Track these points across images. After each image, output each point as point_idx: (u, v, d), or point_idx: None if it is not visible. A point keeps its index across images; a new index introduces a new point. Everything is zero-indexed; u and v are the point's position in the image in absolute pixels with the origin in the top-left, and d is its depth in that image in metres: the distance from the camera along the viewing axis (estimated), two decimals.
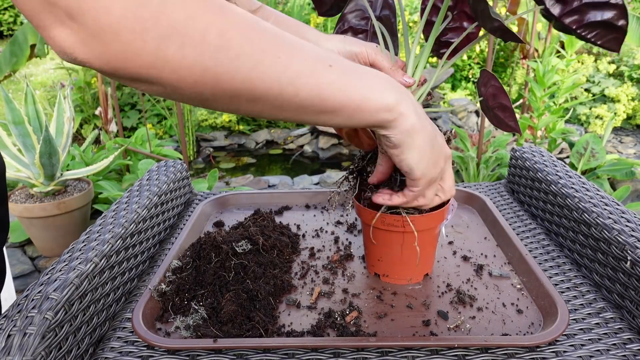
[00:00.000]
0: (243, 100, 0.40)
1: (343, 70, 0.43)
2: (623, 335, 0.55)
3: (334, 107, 0.43)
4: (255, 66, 0.38)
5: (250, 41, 0.38)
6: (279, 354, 0.54)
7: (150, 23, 0.34)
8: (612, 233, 0.61)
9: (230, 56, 0.37)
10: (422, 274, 0.66)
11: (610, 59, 3.89)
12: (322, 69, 0.42)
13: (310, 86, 0.41)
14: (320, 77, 0.41)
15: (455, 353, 0.53)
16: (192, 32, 0.35)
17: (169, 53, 0.35)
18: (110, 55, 0.34)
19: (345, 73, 0.43)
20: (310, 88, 0.41)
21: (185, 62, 0.36)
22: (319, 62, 0.42)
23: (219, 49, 0.36)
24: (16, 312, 0.49)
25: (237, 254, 0.67)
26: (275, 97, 0.40)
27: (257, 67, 0.38)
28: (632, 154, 3.15)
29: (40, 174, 1.90)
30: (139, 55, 0.35)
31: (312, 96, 0.41)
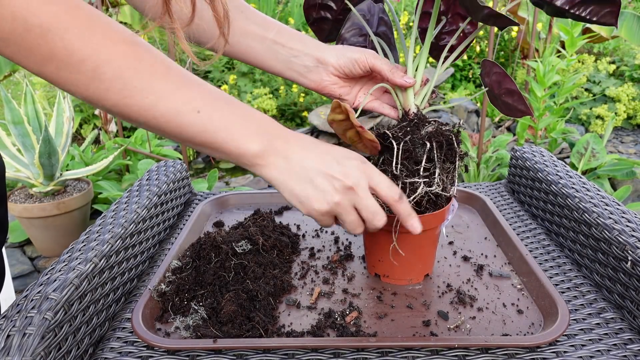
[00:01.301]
0: (115, 116, 0.46)
1: (210, 117, 0.47)
2: (624, 335, 0.55)
3: (195, 144, 0.48)
4: (122, 100, 0.43)
5: (122, 80, 0.43)
6: (279, 354, 0.53)
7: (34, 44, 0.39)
8: (613, 233, 0.61)
9: (101, 87, 0.42)
10: (422, 275, 0.66)
11: (611, 59, 3.89)
12: (187, 113, 0.46)
13: (173, 126, 0.46)
14: (182, 120, 0.46)
15: (456, 353, 0.53)
16: (68, 61, 0.40)
17: (47, 71, 0.41)
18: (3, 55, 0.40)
19: (212, 119, 0.47)
20: (173, 127, 0.46)
21: (61, 80, 0.42)
22: (187, 106, 0.46)
23: (91, 80, 0.42)
24: (15, 313, 0.49)
25: (237, 254, 0.67)
26: (142, 124, 0.46)
27: (123, 100, 0.43)
28: (633, 154, 3.14)
29: (40, 174, 1.90)
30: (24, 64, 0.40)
31: (174, 132, 0.46)
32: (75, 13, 0.41)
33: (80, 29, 0.41)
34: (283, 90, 3.64)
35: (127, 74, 0.43)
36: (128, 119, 0.45)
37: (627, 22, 2.63)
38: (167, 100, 0.45)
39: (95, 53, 0.41)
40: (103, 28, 0.42)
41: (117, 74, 0.42)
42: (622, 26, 2.64)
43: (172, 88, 0.45)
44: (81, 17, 0.41)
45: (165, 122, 0.46)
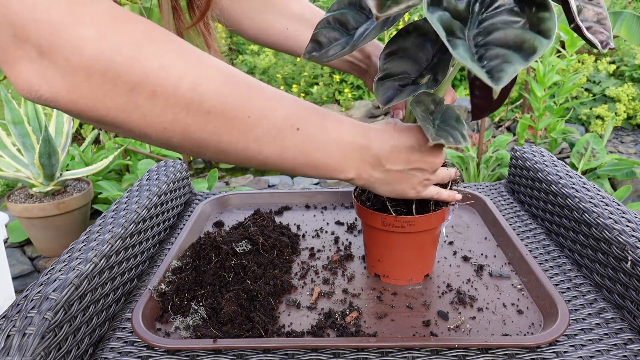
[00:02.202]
0: (210, 150, 0.41)
1: (309, 134, 0.44)
2: (624, 335, 0.55)
3: (293, 166, 0.45)
4: (224, 122, 0.39)
5: (222, 97, 0.38)
6: (279, 354, 0.53)
7: (123, 68, 0.34)
8: (613, 233, 0.61)
9: (201, 110, 0.38)
10: (422, 275, 0.66)
11: (611, 59, 3.89)
12: (288, 130, 0.43)
13: (274, 147, 0.43)
14: (285, 139, 0.43)
15: (456, 353, 0.53)
16: (164, 82, 0.35)
17: (139, 99, 0.35)
18: (79, 96, 0.34)
19: (310, 137, 0.45)
20: (274, 148, 0.43)
21: (155, 109, 0.36)
22: (287, 123, 0.43)
23: (190, 102, 0.37)
24: (15, 313, 0.49)
25: (237, 254, 0.67)
26: (240, 152, 0.42)
27: (227, 123, 0.39)
28: (633, 154, 3.14)
29: (40, 174, 1.90)
30: (110, 98, 0.34)
31: (274, 155, 0.43)
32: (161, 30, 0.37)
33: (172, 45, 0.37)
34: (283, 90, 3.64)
35: (227, 91, 0.39)
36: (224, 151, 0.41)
37: (627, 22, 2.63)
38: (269, 117, 0.41)
39: (192, 68, 0.37)
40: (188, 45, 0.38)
41: (217, 91, 0.38)
42: (622, 26, 2.64)
43: (272, 104, 0.42)
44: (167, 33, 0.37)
45: (267, 144, 0.42)
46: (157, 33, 0.36)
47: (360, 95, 3.76)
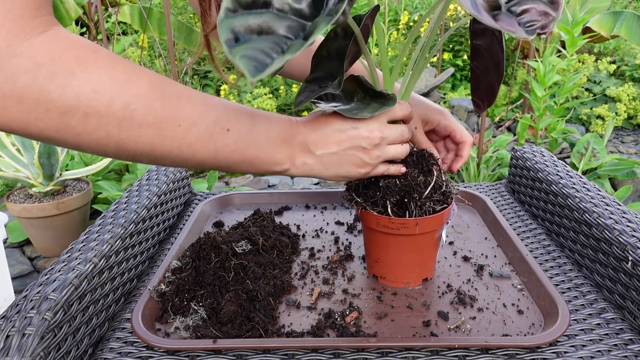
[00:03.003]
0: (145, 158, 0.44)
1: (239, 133, 0.47)
2: (624, 335, 0.55)
3: (229, 164, 0.48)
4: (156, 133, 0.42)
5: (153, 112, 0.41)
6: (279, 354, 0.53)
7: (56, 94, 0.37)
8: (614, 233, 0.61)
9: (133, 126, 0.41)
10: (420, 278, 0.65)
11: (611, 59, 3.89)
12: (219, 133, 0.46)
13: (207, 149, 0.46)
14: (217, 141, 0.46)
15: (456, 354, 0.53)
16: (96, 104, 0.39)
17: (72, 121, 0.38)
18: (10, 119, 0.37)
19: (241, 136, 0.47)
20: (207, 151, 0.46)
21: (88, 128, 0.39)
22: (217, 126, 0.46)
23: (122, 119, 0.40)
24: (15, 313, 0.49)
25: (237, 254, 0.67)
26: (175, 157, 0.45)
27: (158, 134, 0.42)
28: (633, 154, 3.14)
29: (39, 174, 1.90)
30: (42, 120, 0.37)
31: (209, 156, 0.46)
32: (96, 54, 0.39)
33: (105, 69, 0.39)
34: (283, 90, 3.64)
35: (157, 105, 0.42)
36: (160, 157, 0.44)
37: (627, 21, 2.63)
38: (198, 124, 0.44)
39: (123, 89, 0.40)
40: (123, 65, 0.41)
41: (148, 107, 0.41)
42: (622, 26, 2.64)
43: (200, 111, 0.45)
44: (102, 57, 0.40)
45: (201, 147, 0.45)
46: (92, 59, 0.39)
47: None
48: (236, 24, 0.39)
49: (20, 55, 0.35)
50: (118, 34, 3.99)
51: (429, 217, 0.59)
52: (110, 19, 4.14)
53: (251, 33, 0.39)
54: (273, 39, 0.39)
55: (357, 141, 0.52)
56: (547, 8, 0.39)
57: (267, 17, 0.40)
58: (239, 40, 0.38)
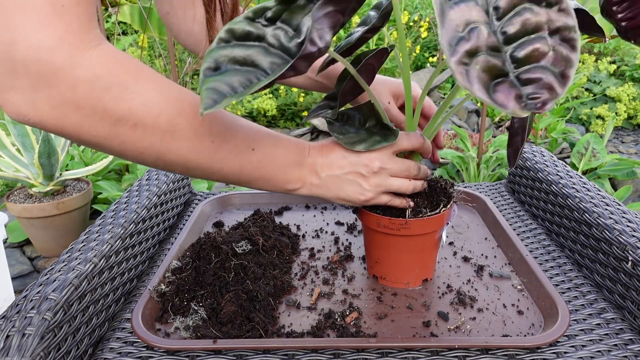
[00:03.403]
0: (178, 168, 0.48)
1: (262, 153, 0.52)
2: (624, 335, 0.55)
3: (249, 179, 0.53)
4: (192, 147, 0.46)
5: (193, 128, 0.46)
6: (279, 354, 0.53)
7: (110, 105, 0.40)
8: (613, 233, 0.61)
9: (174, 138, 0.45)
10: (420, 279, 0.65)
11: (611, 59, 3.89)
12: (245, 151, 0.51)
13: (234, 165, 0.50)
14: (243, 158, 0.51)
15: (456, 354, 0.53)
16: (145, 117, 0.42)
17: (121, 130, 0.42)
18: (67, 124, 0.40)
19: (264, 155, 0.52)
20: (234, 166, 0.50)
21: (134, 138, 0.43)
22: (244, 144, 0.51)
23: (166, 133, 0.44)
24: (15, 313, 0.49)
25: (237, 254, 0.67)
26: (205, 170, 0.49)
27: (194, 148, 0.47)
28: (633, 154, 3.14)
29: (39, 174, 1.90)
30: (94, 127, 0.41)
31: (234, 171, 0.51)
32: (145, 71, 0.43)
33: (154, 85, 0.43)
34: (283, 90, 3.64)
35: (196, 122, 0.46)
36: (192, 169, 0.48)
37: None
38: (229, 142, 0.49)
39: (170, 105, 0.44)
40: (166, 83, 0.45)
41: (189, 123, 0.45)
42: None
43: (231, 130, 0.49)
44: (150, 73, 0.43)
45: (227, 163, 0.50)
46: (142, 74, 0.43)
47: None
48: (221, 54, 0.42)
49: (80, 67, 0.38)
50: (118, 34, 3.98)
51: (429, 217, 0.59)
52: (110, 19, 4.14)
53: (234, 64, 0.41)
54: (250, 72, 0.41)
55: (356, 167, 0.56)
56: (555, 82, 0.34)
57: (254, 51, 0.42)
58: (219, 69, 0.41)
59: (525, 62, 0.35)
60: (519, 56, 0.35)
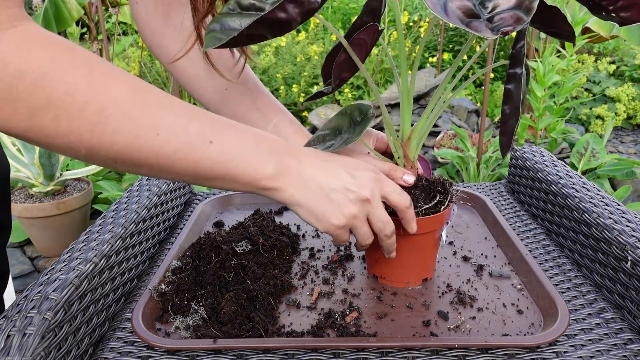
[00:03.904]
0: (120, 165, 0.42)
1: (222, 146, 0.45)
2: (624, 335, 0.55)
3: (209, 177, 0.45)
4: (132, 142, 0.40)
5: (129, 118, 0.39)
6: (279, 354, 0.53)
7: (24, 94, 0.35)
8: (613, 233, 0.61)
9: (106, 131, 0.39)
10: (420, 278, 0.65)
11: (611, 59, 3.89)
12: (201, 145, 0.43)
13: (187, 161, 0.43)
14: (197, 153, 0.43)
15: (456, 353, 0.53)
16: (68, 107, 0.37)
17: (42, 123, 0.36)
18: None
19: (225, 148, 0.45)
20: (187, 163, 0.43)
21: (59, 131, 0.37)
22: (199, 138, 0.43)
23: (96, 124, 0.38)
24: (15, 313, 0.49)
25: (237, 254, 0.67)
26: (152, 167, 0.42)
27: (134, 143, 0.40)
28: (633, 154, 3.14)
29: (40, 174, 1.90)
30: (11, 120, 0.36)
31: (189, 169, 0.44)
32: (72, 54, 0.37)
33: (81, 70, 0.37)
34: (283, 90, 3.64)
35: (135, 112, 0.40)
36: (137, 166, 0.42)
37: None
38: (179, 134, 0.42)
39: (99, 94, 0.38)
40: (101, 67, 0.39)
41: (125, 113, 0.39)
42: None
43: (182, 121, 0.43)
44: (78, 57, 0.38)
45: (180, 159, 0.43)
46: (67, 58, 0.37)
47: (360, 95, 3.77)
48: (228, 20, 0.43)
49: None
50: (118, 34, 3.99)
51: (429, 217, 0.59)
52: (111, 19, 4.15)
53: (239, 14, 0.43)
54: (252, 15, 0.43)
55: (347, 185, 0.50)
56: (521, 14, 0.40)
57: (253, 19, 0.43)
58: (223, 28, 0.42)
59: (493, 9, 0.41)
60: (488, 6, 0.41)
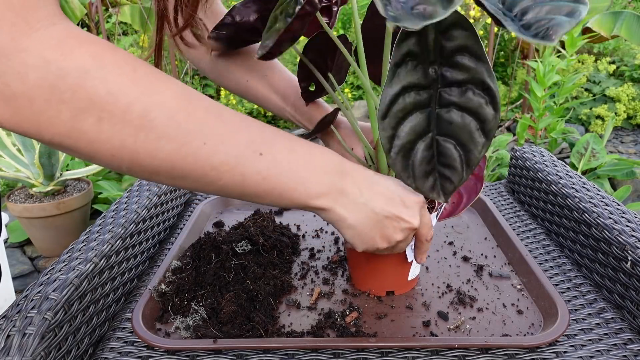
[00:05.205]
0: (162, 176, 0.39)
1: (273, 159, 0.42)
2: (624, 335, 0.55)
3: (256, 193, 0.42)
4: (177, 150, 0.37)
5: (175, 124, 0.37)
6: (279, 354, 0.53)
7: (67, 95, 0.33)
8: (613, 233, 0.61)
9: (150, 137, 0.36)
10: (383, 290, 0.63)
11: (611, 59, 3.89)
12: (250, 157, 0.41)
13: (234, 173, 0.40)
14: (246, 166, 0.41)
15: (456, 354, 0.53)
16: (111, 108, 0.34)
17: (84, 125, 0.34)
18: (22, 120, 0.33)
19: (276, 162, 0.42)
20: (234, 175, 0.40)
21: (102, 136, 0.35)
22: (249, 149, 0.41)
23: (139, 129, 0.36)
24: (15, 313, 0.49)
25: (237, 254, 0.67)
26: (197, 179, 0.40)
27: (180, 151, 0.37)
28: (633, 154, 3.14)
29: (40, 174, 1.90)
30: (53, 124, 0.34)
31: (235, 182, 0.41)
32: (115, 53, 0.36)
33: (124, 69, 0.35)
34: None
35: (181, 117, 0.37)
36: (180, 177, 0.39)
37: (627, 22, 2.63)
38: (227, 144, 0.39)
39: (144, 95, 0.36)
40: (145, 68, 0.37)
41: (170, 117, 0.37)
42: (622, 26, 2.64)
43: (230, 130, 0.40)
44: (122, 56, 0.36)
45: (226, 171, 0.40)
46: (109, 56, 0.35)
47: (360, 96, 3.77)
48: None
49: (26, 50, 0.32)
50: (119, 34, 3.99)
51: None
52: (111, 19, 4.15)
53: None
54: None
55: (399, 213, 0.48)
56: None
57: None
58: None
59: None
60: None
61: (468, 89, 0.43)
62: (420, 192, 0.48)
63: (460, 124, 0.44)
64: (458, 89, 0.44)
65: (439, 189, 0.48)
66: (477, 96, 0.43)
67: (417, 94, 0.44)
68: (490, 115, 0.43)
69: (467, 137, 0.45)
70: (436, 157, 0.47)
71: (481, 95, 0.43)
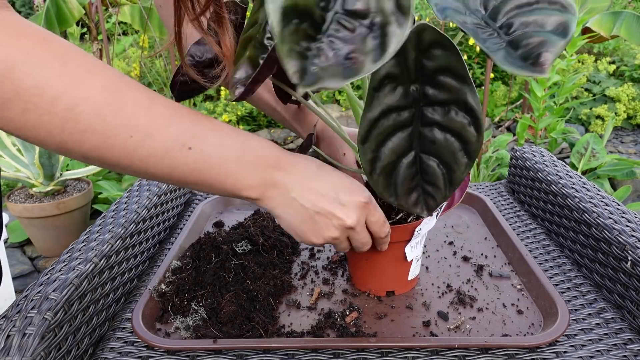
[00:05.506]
0: (93, 162, 0.40)
1: (202, 152, 0.43)
2: (624, 335, 0.55)
3: (186, 183, 0.44)
4: (103, 141, 0.38)
5: (101, 117, 0.38)
6: (279, 354, 0.53)
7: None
8: (613, 233, 0.61)
9: (78, 129, 0.37)
10: (383, 290, 0.63)
11: (611, 59, 3.89)
12: (178, 150, 0.41)
13: (162, 165, 0.41)
14: (173, 159, 0.41)
15: (456, 354, 0.53)
16: (37, 100, 0.35)
17: (10, 114, 0.35)
18: None
19: (204, 155, 0.43)
20: (162, 167, 0.41)
21: (28, 124, 0.36)
22: (177, 142, 0.41)
23: (65, 121, 0.37)
24: (15, 313, 0.49)
25: (237, 254, 0.67)
26: (125, 167, 0.41)
27: (106, 142, 0.38)
28: (633, 154, 3.14)
29: (40, 174, 1.90)
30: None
31: (163, 173, 0.42)
32: (46, 46, 0.36)
33: (53, 64, 0.36)
34: None
35: (108, 111, 0.38)
36: (109, 165, 0.40)
37: (627, 22, 2.63)
38: (154, 137, 0.40)
39: (71, 89, 0.36)
40: (77, 61, 0.37)
41: (96, 111, 0.37)
42: (622, 26, 2.64)
43: (160, 124, 0.41)
44: (53, 50, 0.36)
45: (154, 163, 0.41)
46: (40, 50, 0.36)
47: (360, 95, 3.76)
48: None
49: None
50: (118, 34, 3.99)
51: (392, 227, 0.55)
52: (111, 19, 4.15)
53: None
54: None
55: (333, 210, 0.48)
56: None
57: None
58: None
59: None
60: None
61: (451, 109, 0.43)
62: (403, 208, 0.49)
63: (444, 144, 0.44)
64: (441, 109, 0.43)
65: (423, 204, 0.48)
66: (460, 117, 0.43)
67: (397, 114, 0.44)
68: (473, 137, 0.43)
69: (450, 157, 0.45)
70: (420, 175, 0.47)
71: (464, 116, 0.43)
